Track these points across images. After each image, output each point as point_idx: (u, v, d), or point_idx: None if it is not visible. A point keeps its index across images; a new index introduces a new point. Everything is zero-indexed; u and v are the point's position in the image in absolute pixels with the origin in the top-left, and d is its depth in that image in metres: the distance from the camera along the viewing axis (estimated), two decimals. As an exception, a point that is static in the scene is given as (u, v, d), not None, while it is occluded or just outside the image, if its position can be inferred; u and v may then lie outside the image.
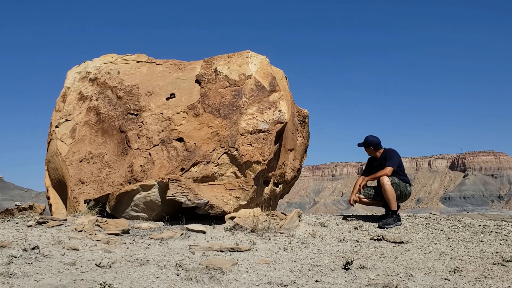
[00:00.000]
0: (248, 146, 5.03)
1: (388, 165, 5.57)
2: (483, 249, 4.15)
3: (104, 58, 6.39)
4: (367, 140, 5.80)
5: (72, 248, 3.29)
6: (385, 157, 5.73)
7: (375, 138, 5.82)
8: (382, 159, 5.73)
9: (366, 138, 5.83)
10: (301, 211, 5.12)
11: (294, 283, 2.69)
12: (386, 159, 5.70)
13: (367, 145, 5.79)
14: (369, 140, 5.78)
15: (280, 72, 6.01)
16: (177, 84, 5.57)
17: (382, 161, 5.68)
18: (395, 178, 5.53)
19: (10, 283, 2.32)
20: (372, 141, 5.78)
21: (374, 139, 5.80)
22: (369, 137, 5.81)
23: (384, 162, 5.66)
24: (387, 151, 5.79)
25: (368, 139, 5.81)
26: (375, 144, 5.79)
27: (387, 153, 5.77)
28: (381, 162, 5.67)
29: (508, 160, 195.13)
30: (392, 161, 5.62)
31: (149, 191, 4.89)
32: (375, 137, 5.83)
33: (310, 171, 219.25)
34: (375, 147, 5.80)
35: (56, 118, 6.03)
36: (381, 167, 5.61)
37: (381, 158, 5.75)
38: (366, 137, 5.82)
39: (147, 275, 2.69)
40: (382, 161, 5.69)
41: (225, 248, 3.56)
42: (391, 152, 5.75)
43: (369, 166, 5.99)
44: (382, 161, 5.68)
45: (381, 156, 5.79)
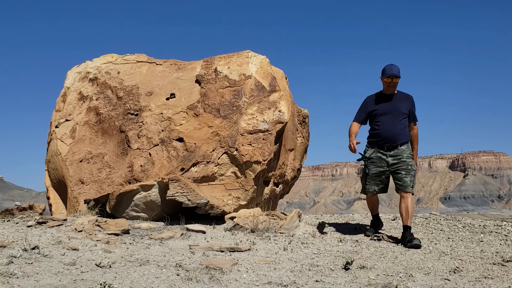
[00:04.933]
0: (248, 146, 5.03)
1: (416, 121, 4.56)
2: (483, 249, 4.15)
3: (104, 58, 6.39)
4: (397, 69, 4.43)
5: (72, 248, 3.29)
6: (409, 100, 4.52)
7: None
8: (401, 101, 4.49)
9: (394, 66, 4.45)
10: (301, 211, 5.12)
11: (294, 283, 2.69)
12: (410, 103, 4.50)
13: (399, 74, 4.41)
14: (398, 69, 4.44)
15: (280, 72, 6.01)
16: (177, 84, 5.57)
17: (398, 105, 4.46)
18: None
19: (10, 283, 2.32)
20: (399, 70, 4.47)
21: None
22: (395, 65, 4.46)
23: (407, 112, 4.44)
24: (406, 94, 4.59)
25: (396, 67, 4.44)
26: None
27: (410, 97, 4.55)
28: (394, 105, 4.46)
29: (508, 160, 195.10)
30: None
31: (149, 191, 4.89)
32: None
33: (310, 171, 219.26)
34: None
35: (56, 118, 6.03)
36: (395, 111, 4.43)
37: (397, 100, 4.50)
38: (392, 66, 4.46)
39: (147, 275, 2.69)
40: (399, 105, 4.46)
41: (225, 248, 3.56)
42: (412, 97, 4.57)
43: (367, 108, 4.57)
44: (399, 105, 4.46)
45: (397, 96, 4.53)
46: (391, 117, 4.45)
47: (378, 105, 4.52)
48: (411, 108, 4.54)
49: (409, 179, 4.34)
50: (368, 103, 4.61)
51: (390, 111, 4.46)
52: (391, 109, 4.47)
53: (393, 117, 4.45)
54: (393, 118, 4.45)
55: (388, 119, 4.45)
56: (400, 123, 4.46)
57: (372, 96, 4.63)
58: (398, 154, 4.41)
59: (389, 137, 4.42)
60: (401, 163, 4.38)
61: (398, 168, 4.38)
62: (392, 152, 4.42)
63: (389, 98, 4.51)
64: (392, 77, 4.41)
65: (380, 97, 4.57)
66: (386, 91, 4.53)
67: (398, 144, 4.41)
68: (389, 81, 4.44)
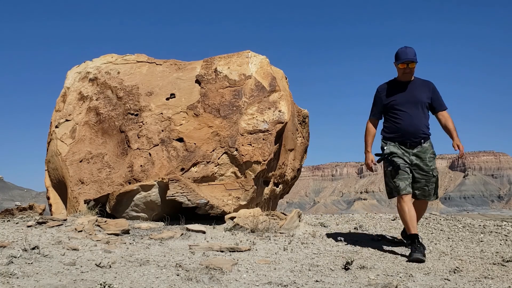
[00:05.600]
0: (248, 146, 5.03)
1: (446, 107, 3.97)
2: (483, 249, 4.15)
3: (104, 58, 6.39)
4: (413, 52, 3.89)
5: (72, 248, 3.29)
6: (429, 86, 3.99)
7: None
8: (420, 89, 3.94)
9: (409, 49, 3.90)
10: (301, 211, 5.12)
11: (294, 283, 2.69)
12: (431, 90, 3.97)
13: (415, 58, 3.89)
14: (414, 52, 3.90)
15: (280, 72, 6.01)
16: (177, 84, 5.57)
17: (418, 93, 3.91)
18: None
19: (10, 283, 2.32)
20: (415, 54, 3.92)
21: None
22: (409, 48, 3.92)
23: (428, 101, 3.92)
24: (424, 80, 4.05)
25: (412, 50, 3.90)
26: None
27: (430, 84, 4.02)
28: (413, 94, 3.91)
29: (508, 160, 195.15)
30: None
31: (149, 191, 4.88)
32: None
33: (310, 171, 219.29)
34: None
35: (56, 118, 6.03)
36: (415, 100, 3.88)
37: (415, 88, 3.95)
38: (407, 48, 3.91)
39: (147, 275, 2.69)
40: (419, 93, 3.91)
41: (225, 248, 3.56)
42: (432, 83, 4.03)
43: (382, 100, 4.01)
44: (419, 94, 3.91)
45: (414, 83, 3.98)
46: (411, 108, 3.88)
47: (395, 95, 3.94)
48: (432, 95, 3.96)
49: (430, 188, 3.89)
50: (382, 93, 4.03)
51: (409, 101, 3.89)
52: (410, 98, 3.90)
53: (414, 107, 3.88)
54: (414, 109, 3.88)
55: (408, 110, 3.88)
56: (423, 115, 3.91)
57: (384, 86, 4.06)
58: (421, 153, 3.86)
59: (411, 132, 3.85)
60: (423, 168, 3.85)
61: (419, 173, 3.86)
62: (415, 150, 3.87)
63: (406, 86, 3.94)
64: (408, 62, 3.87)
65: (395, 86, 4.00)
66: (402, 78, 3.97)
67: (421, 140, 3.86)
68: (404, 67, 3.89)
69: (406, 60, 3.87)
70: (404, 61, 3.87)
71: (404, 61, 3.87)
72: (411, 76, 3.97)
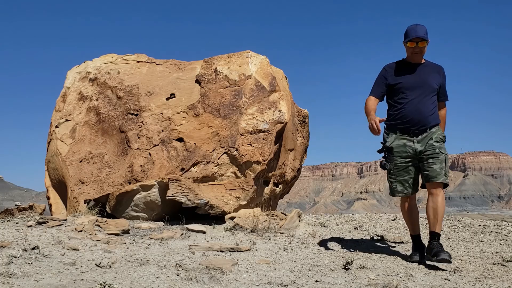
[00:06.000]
0: (248, 146, 5.03)
1: (447, 99, 3.70)
2: (483, 249, 4.15)
3: (104, 58, 6.39)
4: (423, 30, 3.50)
5: (72, 248, 3.29)
6: (440, 72, 3.63)
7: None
8: (430, 73, 3.57)
9: (419, 26, 3.51)
10: (301, 211, 5.12)
11: (294, 283, 2.69)
12: (442, 76, 3.63)
13: (426, 36, 3.49)
14: (425, 30, 3.51)
15: (280, 72, 6.01)
16: (177, 84, 5.57)
17: (428, 77, 3.54)
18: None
19: (10, 283, 2.32)
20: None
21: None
22: (420, 25, 3.52)
23: (438, 87, 3.56)
24: (435, 64, 3.69)
25: (422, 28, 3.51)
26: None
27: (441, 69, 3.66)
28: (423, 77, 3.54)
29: (508, 160, 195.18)
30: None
31: (149, 191, 4.88)
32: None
33: (310, 171, 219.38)
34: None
35: (56, 118, 6.03)
36: (425, 85, 3.51)
37: (425, 71, 3.57)
38: (417, 26, 3.51)
39: (147, 275, 2.69)
40: (429, 77, 3.54)
41: (225, 248, 3.56)
42: (443, 69, 3.68)
43: (387, 80, 3.63)
44: (429, 78, 3.54)
45: (425, 66, 3.61)
46: (419, 93, 3.51)
47: (402, 77, 3.56)
48: (442, 82, 3.63)
49: (438, 166, 3.40)
50: (388, 72, 3.64)
51: (418, 85, 3.52)
52: (420, 82, 3.53)
53: (423, 93, 3.51)
54: (423, 95, 3.51)
55: (416, 95, 3.50)
56: (431, 101, 3.55)
57: (392, 65, 3.67)
58: (426, 138, 3.49)
59: (417, 119, 3.48)
60: (428, 148, 3.46)
61: (425, 155, 3.47)
62: (420, 137, 3.50)
63: (415, 69, 3.58)
64: (417, 40, 3.49)
65: (404, 67, 3.62)
66: (411, 59, 3.60)
67: (427, 128, 3.50)
68: (413, 46, 3.51)
69: (415, 38, 3.48)
70: (413, 38, 3.49)
71: (413, 38, 3.49)
72: (421, 57, 3.59)
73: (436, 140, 3.48)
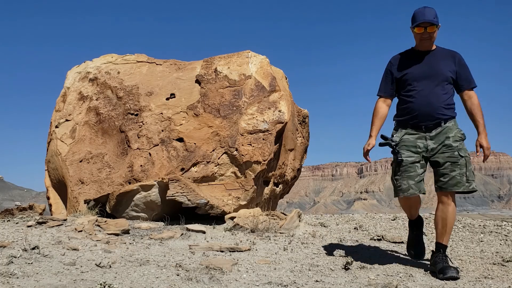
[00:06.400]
0: (248, 146, 5.03)
1: (474, 85, 3.21)
2: (483, 249, 4.15)
3: (104, 58, 6.39)
4: (432, 13, 3.14)
5: (72, 248, 3.29)
6: (454, 58, 3.23)
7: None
8: (442, 60, 3.20)
9: (428, 9, 3.15)
10: (301, 211, 5.12)
11: (294, 283, 2.69)
12: (457, 62, 3.21)
13: (435, 21, 3.12)
14: (434, 13, 3.14)
15: (280, 72, 6.01)
16: (177, 84, 5.57)
17: (439, 65, 3.17)
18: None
19: (10, 283, 2.32)
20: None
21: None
22: (429, 8, 3.17)
23: (452, 75, 3.17)
24: (449, 50, 3.29)
25: (431, 11, 3.15)
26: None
27: (455, 54, 3.25)
28: (433, 66, 3.17)
29: (508, 160, 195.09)
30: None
31: (149, 191, 4.88)
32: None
33: (310, 171, 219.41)
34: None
35: (56, 118, 6.04)
36: (435, 74, 3.15)
37: (436, 58, 3.21)
38: (425, 9, 3.16)
39: (147, 275, 2.69)
40: (440, 65, 3.17)
41: (225, 248, 3.56)
42: (458, 54, 3.26)
43: (393, 74, 3.31)
44: (440, 66, 3.17)
45: (436, 53, 3.24)
46: (429, 82, 3.16)
47: (410, 68, 3.23)
48: (458, 69, 3.20)
49: (457, 173, 3.04)
50: (394, 65, 3.32)
51: (427, 75, 3.17)
52: (429, 71, 3.17)
53: (432, 82, 3.16)
54: (433, 84, 3.15)
55: (425, 86, 3.16)
56: (444, 91, 3.16)
57: (398, 56, 3.35)
58: (441, 135, 3.13)
59: (427, 112, 3.12)
60: (446, 150, 3.09)
61: (441, 157, 3.10)
62: (433, 132, 3.14)
63: (423, 57, 3.23)
64: (425, 25, 3.14)
65: (411, 56, 3.28)
66: (420, 47, 3.25)
67: (441, 121, 3.14)
68: (422, 32, 3.15)
69: (424, 22, 3.13)
70: (421, 23, 3.13)
71: (421, 23, 3.13)
72: (431, 43, 3.22)
73: (454, 139, 3.10)
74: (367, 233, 4.96)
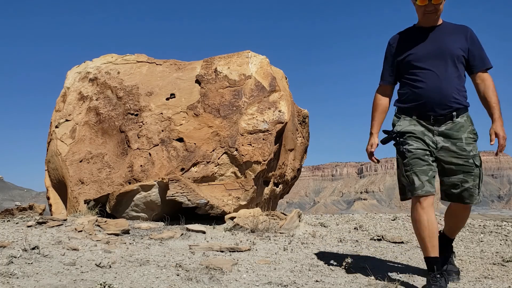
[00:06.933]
0: (248, 146, 5.03)
1: (489, 66, 2.73)
2: (483, 249, 4.15)
3: (104, 58, 6.39)
4: None
5: (72, 248, 3.29)
6: (466, 33, 2.73)
7: None
8: (451, 36, 2.70)
9: None
10: (301, 211, 5.12)
11: (294, 283, 2.69)
12: (469, 38, 2.71)
13: None
14: None
15: (280, 72, 6.01)
16: (177, 84, 5.57)
17: (447, 42, 2.68)
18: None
19: (10, 283, 2.32)
20: None
21: None
22: None
23: (464, 54, 2.69)
24: (459, 25, 2.80)
25: None
26: None
27: (467, 30, 2.75)
28: (440, 43, 2.68)
29: (508, 160, 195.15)
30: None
31: (149, 191, 4.88)
32: None
33: (310, 171, 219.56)
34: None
35: (56, 118, 6.04)
36: (444, 52, 2.66)
37: (444, 34, 2.71)
38: None
39: (147, 275, 2.69)
40: (449, 41, 2.68)
41: (225, 248, 3.56)
42: (470, 29, 2.76)
43: (395, 57, 2.83)
44: (449, 42, 2.67)
45: (443, 28, 2.76)
46: (437, 63, 2.67)
47: (413, 47, 2.74)
48: (471, 46, 2.71)
49: (471, 184, 2.64)
50: (393, 46, 2.85)
51: (435, 54, 2.68)
52: (437, 49, 2.69)
53: (441, 62, 2.67)
54: (442, 65, 2.66)
55: (434, 67, 2.67)
56: (455, 74, 2.68)
57: (397, 36, 2.88)
58: (451, 132, 2.65)
59: (437, 99, 2.63)
60: (458, 155, 2.63)
61: (451, 162, 2.64)
62: (443, 127, 2.66)
63: (428, 34, 2.74)
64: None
65: (414, 34, 2.79)
66: (424, 22, 2.77)
67: (452, 112, 2.65)
68: (425, 4, 2.66)
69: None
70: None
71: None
72: (437, 17, 2.73)
73: (467, 141, 2.64)
74: (367, 233, 4.96)
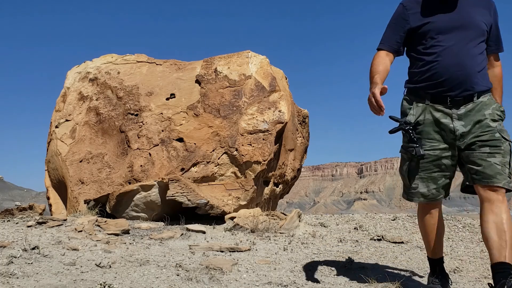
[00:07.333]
0: (248, 146, 5.03)
1: (502, 49, 2.42)
2: (483, 249, 4.15)
3: (104, 58, 6.39)
4: None
5: (72, 248, 3.29)
6: (490, 7, 2.34)
7: None
8: (475, 7, 2.30)
9: None
10: (301, 211, 5.12)
11: (294, 283, 2.69)
12: (493, 12, 2.34)
13: None
14: None
15: (280, 72, 6.01)
16: (177, 84, 5.57)
17: (471, 12, 2.27)
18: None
19: (10, 283, 2.32)
20: None
21: None
22: None
23: (487, 29, 2.30)
24: None
25: None
26: None
27: (491, 3, 2.36)
28: (463, 13, 2.27)
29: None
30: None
31: (149, 191, 4.89)
32: None
33: (310, 171, 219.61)
34: None
35: (56, 118, 6.03)
36: (467, 24, 2.25)
37: (467, 4, 2.30)
38: None
39: (147, 275, 2.69)
40: (473, 12, 2.28)
41: (225, 248, 3.56)
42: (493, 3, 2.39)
43: (408, 22, 2.35)
44: (473, 14, 2.27)
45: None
46: (460, 37, 2.25)
47: (433, 15, 2.29)
48: (493, 22, 2.35)
49: (499, 160, 2.14)
50: (409, 10, 2.37)
51: (457, 25, 2.26)
52: (460, 20, 2.27)
53: (464, 36, 2.26)
54: (465, 40, 2.25)
55: (455, 40, 2.25)
56: (479, 51, 2.29)
57: (413, 0, 2.39)
58: (473, 113, 2.24)
59: (459, 77, 2.23)
60: (482, 132, 2.21)
61: (475, 142, 2.21)
62: (463, 109, 2.25)
63: (452, 2, 2.29)
64: None
65: (432, 0, 2.33)
66: None
67: (474, 93, 2.25)
68: None
69: None
70: None
71: None
72: None
73: (492, 117, 2.23)
74: (367, 233, 4.96)
